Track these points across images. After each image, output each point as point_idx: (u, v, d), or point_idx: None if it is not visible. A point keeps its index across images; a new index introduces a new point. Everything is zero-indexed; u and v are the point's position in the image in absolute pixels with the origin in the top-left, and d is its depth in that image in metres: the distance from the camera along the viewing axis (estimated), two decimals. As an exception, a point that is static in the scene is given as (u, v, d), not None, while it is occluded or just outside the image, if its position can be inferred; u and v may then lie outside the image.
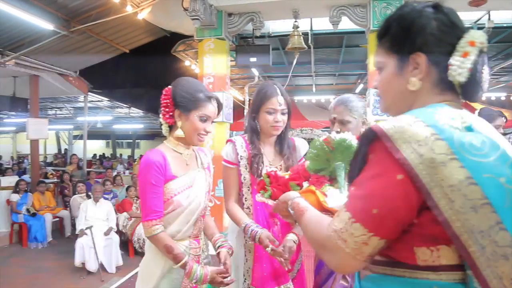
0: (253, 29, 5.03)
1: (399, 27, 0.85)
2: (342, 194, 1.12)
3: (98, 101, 10.82)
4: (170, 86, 1.57)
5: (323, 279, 1.71)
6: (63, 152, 18.59)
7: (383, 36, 0.89)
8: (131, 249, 5.34)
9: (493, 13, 4.97)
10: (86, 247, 4.61)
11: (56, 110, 13.35)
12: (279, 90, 1.74)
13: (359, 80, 9.64)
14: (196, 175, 1.60)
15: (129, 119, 14.92)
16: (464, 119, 0.75)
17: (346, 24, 4.79)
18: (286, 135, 1.84)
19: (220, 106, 1.61)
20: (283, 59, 7.66)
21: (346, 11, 4.57)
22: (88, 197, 5.57)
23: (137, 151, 21.38)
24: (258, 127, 1.79)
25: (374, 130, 0.75)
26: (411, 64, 0.83)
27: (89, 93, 8.54)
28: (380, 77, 0.91)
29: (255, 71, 7.35)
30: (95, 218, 4.99)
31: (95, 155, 18.54)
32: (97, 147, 22.55)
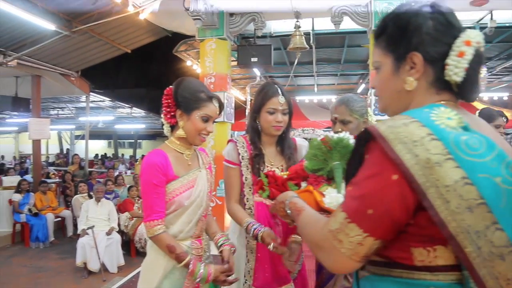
0: (254, 29, 5.03)
1: (395, 26, 0.84)
2: (340, 194, 1.11)
3: (100, 101, 10.84)
4: (172, 86, 1.57)
5: (325, 280, 1.71)
6: (65, 152, 18.64)
7: (379, 35, 0.89)
8: (132, 249, 5.34)
9: (496, 12, 4.96)
10: (87, 247, 4.62)
11: (58, 110, 13.38)
12: (280, 90, 1.73)
13: (361, 80, 9.64)
14: (198, 175, 1.60)
15: (131, 119, 14.94)
16: (460, 119, 0.75)
17: (347, 24, 4.79)
18: (287, 135, 1.83)
19: (222, 106, 1.61)
20: (284, 59, 7.67)
21: (348, 11, 4.57)
22: (90, 197, 5.59)
23: (138, 151, 21.41)
24: (259, 127, 1.78)
25: (370, 131, 0.76)
26: (408, 64, 0.82)
27: (91, 93, 8.57)
28: (377, 77, 0.91)
29: (257, 71, 7.35)
30: (97, 218, 5.00)
31: (97, 155, 18.57)
32: (99, 147, 22.60)
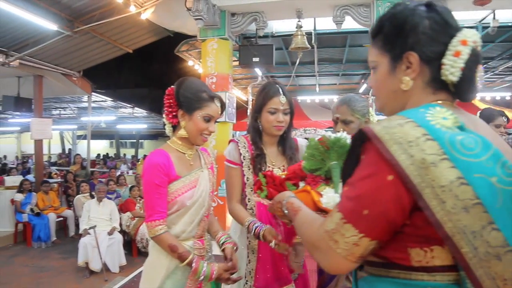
0: (256, 29, 5.03)
1: (391, 26, 0.84)
2: (337, 194, 1.11)
3: (102, 101, 10.86)
4: (173, 86, 1.57)
5: (326, 280, 1.70)
6: (67, 152, 18.69)
7: (376, 35, 0.88)
8: (134, 249, 5.35)
9: (498, 12, 4.95)
10: (89, 246, 4.62)
11: (60, 110, 13.41)
12: (281, 90, 1.72)
13: (363, 80, 9.62)
14: (200, 175, 1.59)
15: (133, 119, 14.96)
16: (456, 118, 0.75)
17: (349, 23, 4.78)
18: (289, 135, 1.82)
19: (223, 106, 1.60)
20: (286, 59, 7.66)
21: (350, 10, 4.56)
22: (92, 196, 5.60)
23: (140, 151, 21.45)
24: (261, 127, 1.78)
25: (365, 131, 0.75)
26: (404, 63, 0.82)
27: (93, 93, 8.58)
28: (374, 77, 0.91)
29: (258, 71, 7.35)
30: (99, 218, 5.01)
31: (99, 155, 18.60)
32: (100, 147, 22.65)
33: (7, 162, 15.27)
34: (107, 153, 20.15)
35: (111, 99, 10.74)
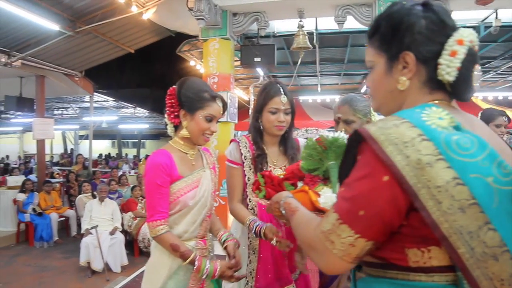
0: (258, 29, 5.03)
1: (387, 25, 0.84)
2: (335, 193, 1.11)
3: (104, 101, 10.87)
4: (175, 86, 1.57)
5: (328, 280, 1.70)
6: (69, 152, 18.73)
7: (373, 35, 0.88)
8: (136, 249, 5.36)
9: (501, 11, 4.93)
10: (91, 246, 4.63)
11: (62, 110, 13.43)
12: (282, 90, 1.72)
13: (364, 80, 9.60)
14: (202, 175, 1.59)
15: (135, 119, 14.98)
16: (452, 118, 0.74)
17: (351, 23, 4.77)
18: (290, 135, 1.82)
19: (225, 106, 1.60)
20: (288, 58, 7.66)
21: (352, 10, 4.55)
22: (94, 196, 5.61)
23: (142, 151, 21.47)
24: (262, 127, 1.77)
25: (360, 132, 0.75)
26: (400, 63, 0.82)
27: (95, 93, 8.59)
28: (370, 77, 0.91)
29: (260, 71, 7.34)
30: (101, 217, 5.02)
31: (101, 155, 18.65)
32: (102, 147, 22.69)
33: (10, 162, 15.33)
34: (109, 153, 20.21)
35: (113, 99, 10.75)
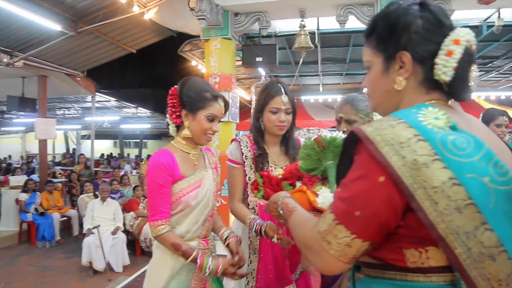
0: (259, 29, 5.03)
1: (384, 25, 0.84)
2: (333, 193, 1.11)
3: (106, 101, 10.89)
4: (177, 85, 1.57)
5: (330, 280, 1.70)
6: (71, 152, 18.76)
7: (370, 35, 0.88)
8: (138, 249, 5.36)
9: (503, 11, 4.91)
10: (93, 246, 4.64)
11: (64, 110, 13.47)
12: (283, 89, 1.71)
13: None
14: (204, 174, 1.59)
15: (136, 119, 15.00)
16: (448, 118, 0.74)
17: (353, 23, 4.76)
18: (291, 134, 1.81)
19: (227, 106, 1.60)
20: (289, 58, 7.64)
21: (353, 10, 4.54)
22: (96, 196, 5.61)
23: (144, 151, 21.50)
24: (263, 127, 1.77)
25: (356, 133, 0.75)
26: (397, 63, 0.82)
27: (97, 93, 8.61)
28: (367, 76, 0.91)
29: (262, 71, 7.33)
30: (102, 217, 5.03)
31: (103, 154, 18.67)
32: (104, 147, 22.73)
33: (12, 162, 15.39)
34: (111, 153, 20.22)
35: (114, 99, 10.76)
